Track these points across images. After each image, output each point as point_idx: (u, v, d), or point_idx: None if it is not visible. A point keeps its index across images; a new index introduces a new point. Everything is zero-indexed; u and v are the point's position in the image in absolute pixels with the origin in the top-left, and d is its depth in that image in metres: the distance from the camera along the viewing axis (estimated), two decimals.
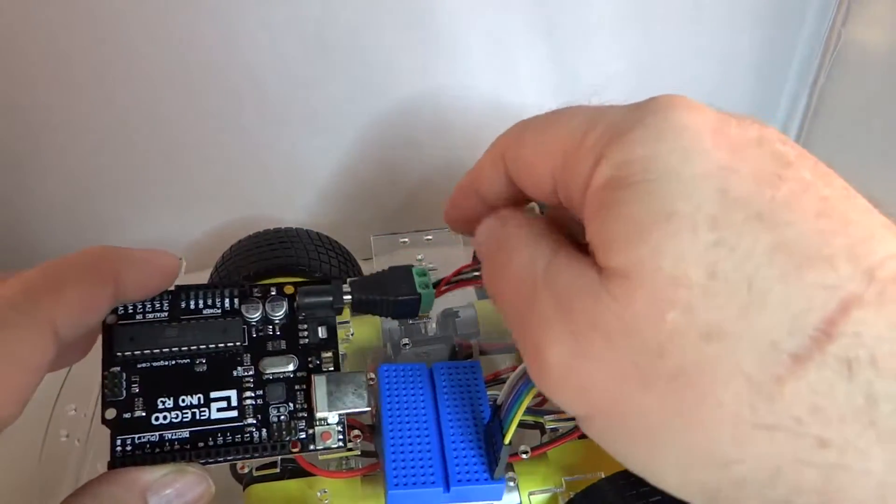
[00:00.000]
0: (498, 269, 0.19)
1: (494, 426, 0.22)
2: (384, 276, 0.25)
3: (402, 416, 0.24)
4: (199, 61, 0.39)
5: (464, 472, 0.23)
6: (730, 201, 0.15)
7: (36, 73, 0.38)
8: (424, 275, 0.24)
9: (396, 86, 0.43)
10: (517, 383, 0.21)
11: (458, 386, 0.25)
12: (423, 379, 0.25)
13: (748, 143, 0.16)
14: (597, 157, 0.17)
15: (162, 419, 0.21)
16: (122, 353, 0.22)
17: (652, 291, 0.15)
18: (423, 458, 0.23)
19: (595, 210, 0.16)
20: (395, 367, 0.25)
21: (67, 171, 0.43)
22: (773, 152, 0.16)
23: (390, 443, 0.23)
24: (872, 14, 0.43)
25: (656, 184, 0.15)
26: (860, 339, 0.13)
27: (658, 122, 0.16)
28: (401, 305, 0.24)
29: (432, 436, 0.24)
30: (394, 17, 0.40)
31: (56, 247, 0.45)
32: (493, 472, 0.23)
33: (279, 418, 0.22)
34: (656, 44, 0.45)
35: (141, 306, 0.23)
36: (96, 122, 0.41)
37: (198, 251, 0.47)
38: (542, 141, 0.19)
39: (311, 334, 0.24)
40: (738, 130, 0.16)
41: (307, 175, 0.47)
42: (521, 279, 0.18)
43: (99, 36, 0.37)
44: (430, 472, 0.23)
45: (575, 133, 0.17)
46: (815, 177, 0.15)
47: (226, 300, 0.24)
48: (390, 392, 0.25)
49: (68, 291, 0.20)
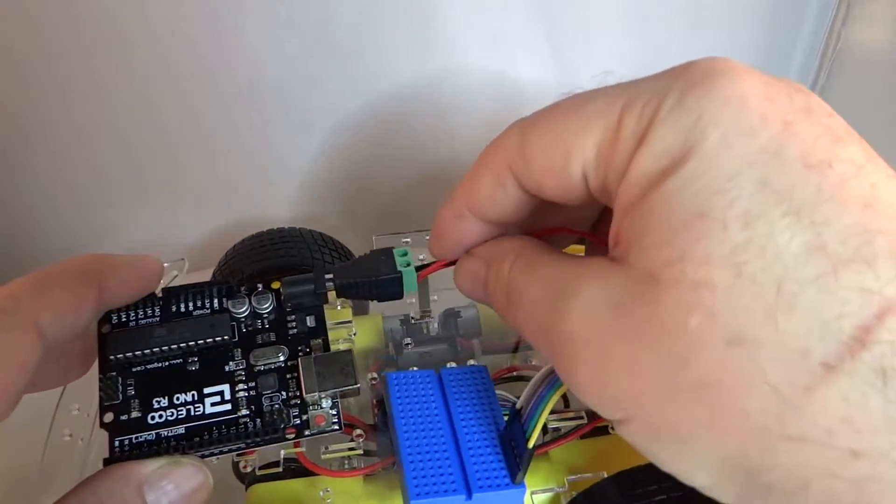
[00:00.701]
0: (513, 311, 0.19)
1: (515, 430, 0.22)
2: (365, 258, 0.24)
3: (417, 423, 0.24)
4: (200, 62, 0.39)
5: (484, 478, 0.22)
6: (768, 195, 0.14)
7: (35, 74, 0.38)
8: (405, 254, 0.24)
9: (396, 86, 0.44)
10: (540, 386, 0.21)
11: (469, 390, 0.25)
12: (434, 385, 0.25)
13: (798, 115, 0.15)
14: (635, 144, 0.16)
15: (157, 418, 0.22)
16: (115, 357, 0.22)
17: (675, 296, 0.14)
18: (441, 465, 0.23)
19: (629, 204, 0.16)
20: (404, 374, 0.25)
21: (67, 174, 0.43)
22: (824, 127, 0.15)
23: (407, 451, 0.23)
24: (872, 14, 0.43)
25: (693, 175, 0.14)
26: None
27: (699, 98, 0.15)
28: (383, 285, 0.24)
29: (448, 442, 0.23)
30: (393, 18, 0.40)
31: (57, 250, 0.45)
32: (514, 477, 0.22)
33: (272, 407, 0.22)
34: (656, 44, 0.45)
35: (133, 314, 0.23)
36: (96, 123, 0.41)
37: (199, 251, 0.47)
38: (562, 136, 0.17)
39: (300, 324, 0.24)
40: (786, 99, 0.15)
41: (308, 175, 0.47)
42: (537, 313, 0.17)
43: (97, 37, 0.37)
44: (450, 480, 0.22)
45: (607, 118, 0.16)
46: (865, 157, 0.14)
47: (214, 300, 0.24)
48: (402, 400, 0.24)
49: (52, 293, 0.20)
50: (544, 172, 0.18)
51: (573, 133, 0.17)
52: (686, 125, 0.15)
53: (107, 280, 0.22)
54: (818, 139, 0.14)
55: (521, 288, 0.18)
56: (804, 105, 0.15)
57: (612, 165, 0.16)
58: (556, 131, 0.17)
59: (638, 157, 0.15)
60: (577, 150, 0.17)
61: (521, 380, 0.29)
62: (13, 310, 0.20)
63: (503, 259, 0.19)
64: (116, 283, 0.22)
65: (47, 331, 0.20)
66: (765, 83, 0.15)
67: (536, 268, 0.18)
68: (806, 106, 0.15)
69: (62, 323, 0.21)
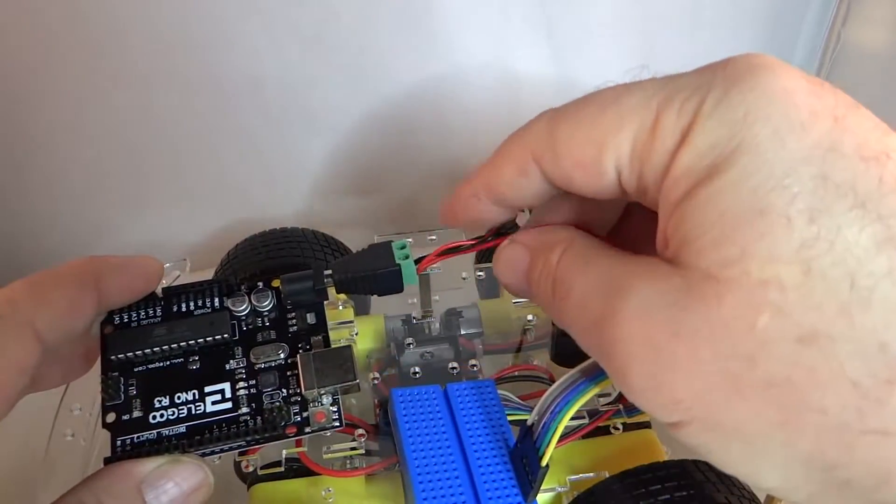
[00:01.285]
0: (558, 304, 0.18)
1: (527, 447, 0.22)
2: (364, 252, 0.24)
3: (425, 442, 0.23)
4: (201, 62, 0.39)
5: (495, 496, 0.22)
6: (831, 189, 0.14)
7: (37, 75, 0.38)
8: (404, 247, 0.24)
9: (397, 86, 0.44)
10: (552, 404, 0.20)
11: (477, 407, 0.24)
12: (440, 401, 0.25)
13: (847, 110, 0.14)
14: (677, 140, 0.15)
15: (159, 417, 0.22)
16: (117, 356, 0.22)
17: (741, 296, 0.14)
18: (451, 484, 0.22)
19: (675, 202, 0.15)
20: (409, 391, 0.25)
21: (68, 175, 0.43)
22: (873, 121, 0.14)
23: (416, 471, 0.23)
24: (872, 14, 0.43)
25: (746, 172, 0.14)
26: None
27: (745, 94, 0.15)
28: (382, 278, 0.23)
29: (458, 460, 0.23)
30: (394, 18, 0.40)
31: (57, 251, 0.45)
32: (526, 496, 0.22)
33: (273, 404, 0.22)
34: (656, 44, 0.45)
35: (135, 314, 0.24)
36: (96, 124, 0.41)
37: (200, 251, 0.47)
38: (596, 130, 0.17)
39: (300, 321, 0.24)
40: (831, 95, 0.15)
41: (309, 175, 0.47)
42: (587, 309, 0.17)
43: (98, 37, 0.37)
44: (461, 501, 0.22)
45: (644, 113, 0.16)
46: None
47: (214, 298, 0.24)
48: (408, 417, 0.24)
49: (50, 296, 0.21)
50: (575, 166, 0.17)
51: (607, 127, 0.16)
52: (733, 119, 0.14)
53: (106, 282, 0.22)
54: (870, 132, 0.14)
55: (571, 281, 0.17)
56: (850, 101, 0.15)
57: (649, 162, 0.16)
58: (589, 125, 0.17)
59: (682, 153, 0.15)
60: (612, 145, 0.16)
61: (523, 380, 0.29)
62: (11, 314, 0.20)
63: (552, 249, 0.19)
64: (116, 284, 0.22)
65: (45, 334, 0.20)
66: (808, 79, 0.15)
67: (588, 261, 0.17)
68: (852, 102, 0.15)
69: (60, 326, 0.21)
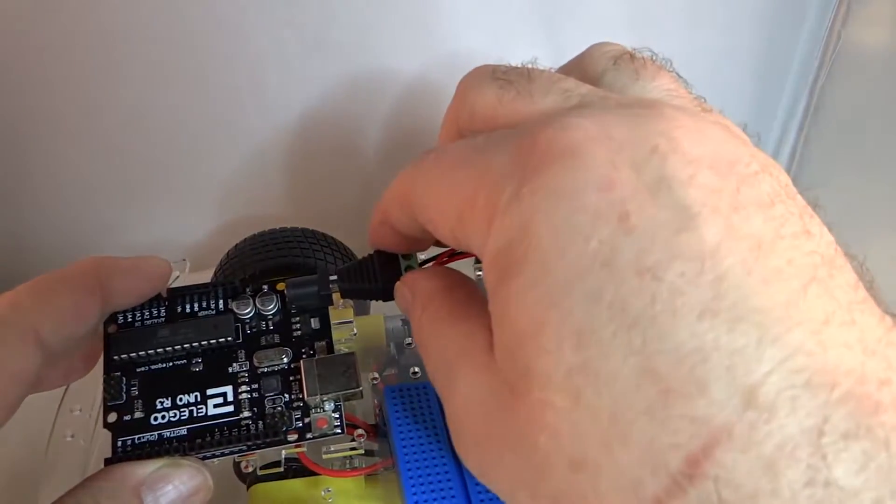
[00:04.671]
0: (423, 356, 0.19)
1: None
2: (370, 260, 0.24)
3: (416, 437, 0.23)
4: (200, 61, 0.39)
5: (487, 497, 0.22)
6: (601, 309, 0.13)
7: (35, 74, 0.38)
8: (410, 258, 0.24)
9: (397, 86, 0.44)
10: None
11: None
12: (432, 398, 0.25)
13: (640, 199, 0.13)
14: (486, 224, 0.15)
15: (160, 419, 0.22)
16: (119, 357, 0.22)
17: (526, 412, 0.14)
18: (441, 480, 0.22)
19: (491, 285, 0.15)
20: (401, 387, 0.25)
21: (67, 175, 0.43)
22: (670, 207, 0.13)
23: (406, 467, 0.23)
24: (872, 14, 0.43)
25: (530, 282, 0.14)
26: (719, 485, 0.12)
27: (534, 193, 0.14)
28: (388, 292, 0.23)
29: (448, 457, 0.23)
30: (394, 19, 0.40)
31: (58, 251, 0.45)
32: None
33: (275, 409, 0.22)
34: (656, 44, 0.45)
35: (139, 314, 0.23)
36: (95, 123, 0.41)
37: (200, 251, 0.47)
38: (437, 195, 0.17)
39: (304, 326, 0.24)
40: (632, 177, 0.13)
41: (309, 175, 0.47)
42: (436, 379, 0.18)
43: (97, 37, 0.37)
44: (451, 495, 0.22)
45: (467, 191, 0.16)
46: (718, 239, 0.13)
47: (219, 301, 0.24)
48: (399, 413, 0.24)
49: (53, 300, 0.21)
50: (425, 220, 0.18)
51: (445, 194, 0.17)
52: (520, 223, 0.14)
53: (113, 284, 0.22)
54: (658, 230, 0.13)
55: (426, 345, 0.19)
56: (655, 177, 0.13)
57: (471, 238, 0.16)
58: (437, 188, 0.18)
59: (488, 244, 0.15)
60: (445, 213, 0.17)
61: None
62: (13, 319, 0.20)
63: (415, 304, 0.20)
64: (122, 287, 0.22)
65: (48, 339, 0.20)
66: (611, 156, 0.13)
67: (437, 329, 0.18)
68: (657, 178, 0.13)
69: (63, 331, 0.21)
